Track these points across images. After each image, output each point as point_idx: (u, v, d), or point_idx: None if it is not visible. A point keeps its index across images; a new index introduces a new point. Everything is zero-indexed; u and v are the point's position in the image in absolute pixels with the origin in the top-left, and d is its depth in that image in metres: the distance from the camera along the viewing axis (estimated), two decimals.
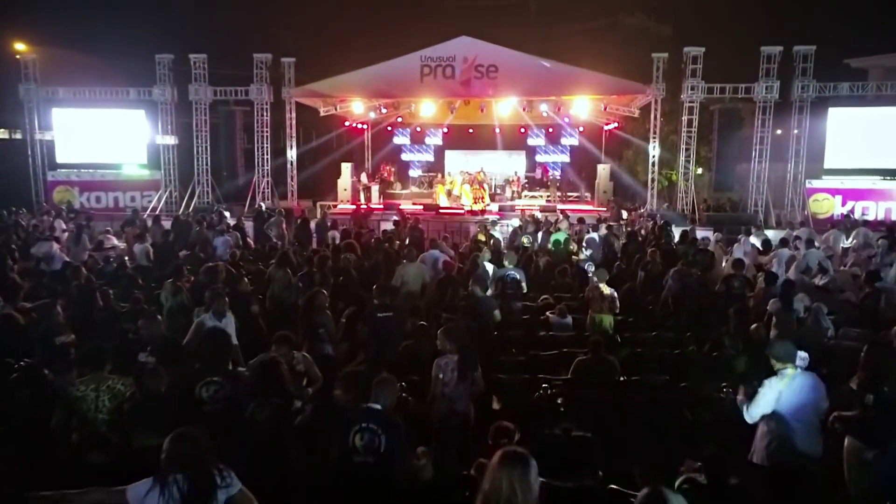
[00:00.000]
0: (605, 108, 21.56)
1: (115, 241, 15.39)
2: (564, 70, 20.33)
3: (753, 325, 7.17)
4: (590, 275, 10.64)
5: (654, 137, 20.98)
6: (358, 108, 22.49)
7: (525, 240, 13.40)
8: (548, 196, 27.37)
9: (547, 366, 6.95)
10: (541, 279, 11.02)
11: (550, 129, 29.30)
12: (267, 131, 22.26)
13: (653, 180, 21.14)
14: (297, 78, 21.87)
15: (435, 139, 30.72)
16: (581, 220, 16.88)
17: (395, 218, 16.04)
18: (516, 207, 22.20)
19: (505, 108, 21.90)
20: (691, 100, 20.40)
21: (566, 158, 30.19)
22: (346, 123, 27.15)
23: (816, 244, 13.25)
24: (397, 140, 31.07)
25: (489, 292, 9.16)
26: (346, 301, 8.34)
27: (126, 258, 13.88)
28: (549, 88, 20.65)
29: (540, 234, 13.94)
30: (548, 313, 8.56)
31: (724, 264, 11.87)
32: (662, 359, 7.00)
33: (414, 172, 30.65)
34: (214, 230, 14.25)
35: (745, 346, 6.55)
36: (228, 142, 22.84)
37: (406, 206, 23.85)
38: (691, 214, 20.37)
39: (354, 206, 22.59)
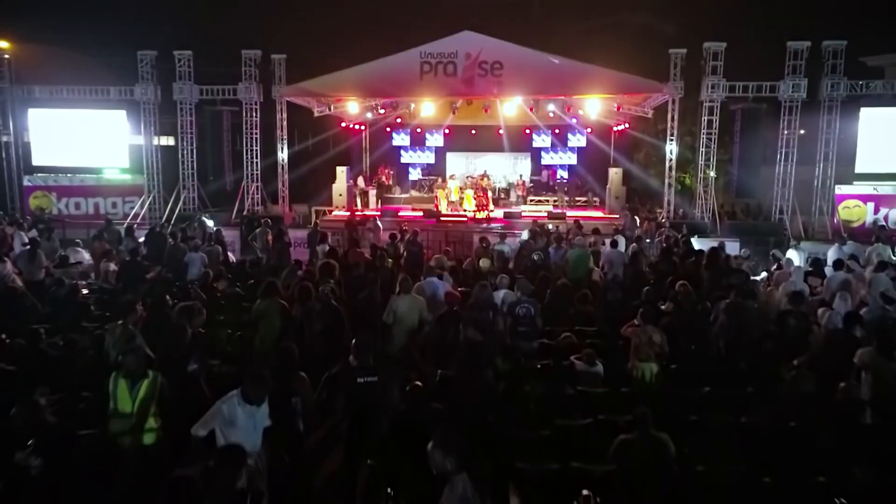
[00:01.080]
0: (619, 109, 19.91)
1: (85, 256, 13.78)
2: (574, 67, 18.69)
3: (842, 385, 5.58)
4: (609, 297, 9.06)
5: (672, 139, 19.35)
6: (353, 109, 20.85)
7: (535, 257, 11.78)
8: (555, 201, 25.74)
9: (578, 441, 5.36)
10: (555, 306, 9.39)
11: (557, 130, 27.69)
12: (256, 133, 20.67)
13: (669, 185, 19.50)
14: (289, 76, 20.26)
15: (436, 140, 29.12)
16: (596, 231, 15.27)
17: (392, 231, 14.41)
18: (523, 214, 20.57)
19: (510, 108, 20.27)
20: (711, 99, 18.77)
21: (573, 161, 28.58)
22: (343, 124, 25.64)
23: (861, 262, 11.66)
24: (396, 141, 29.48)
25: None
26: (329, 349, 6.76)
27: (92, 277, 12.39)
28: (558, 87, 19.01)
29: (552, 250, 12.31)
30: (573, 359, 6.95)
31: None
32: (728, 430, 5.35)
33: (414, 175, 29.09)
34: (189, 245, 12.64)
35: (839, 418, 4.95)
36: (215, 144, 21.27)
37: (405, 212, 22.27)
38: (711, 222, 18.75)
39: (349, 213, 20.97)
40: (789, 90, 18.43)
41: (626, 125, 24.78)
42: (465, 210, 22.98)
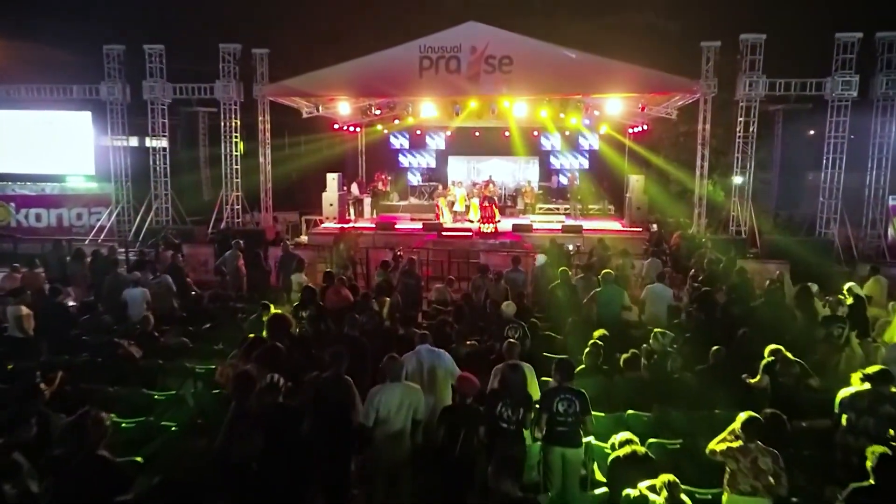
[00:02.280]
0: (643, 109, 17.44)
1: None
2: (593, 63, 16.24)
3: None
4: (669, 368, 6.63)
5: (703, 144, 16.88)
6: (345, 109, 18.40)
7: (560, 293, 9.33)
8: (566, 209, 23.36)
9: None
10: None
11: (567, 133, 25.29)
12: (236, 136, 18.23)
13: (700, 196, 17.04)
14: (272, 73, 17.84)
15: (437, 143, 26.73)
16: (625, 253, 12.86)
17: (385, 259, 11.99)
18: (535, 227, 18.12)
19: (520, 108, 17.82)
20: (749, 98, 16.33)
21: (585, 165, 26.17)
22: (335, 126, 23.21)
23: None
24: (394, 144, 27.09)
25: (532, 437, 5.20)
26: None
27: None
28: (575, 85, 16.53)
29: (579, 283, 9.84)
30: (643, 489, 4.53)
31: None
32: None
33: (413, 180, 26.72)
34: (133, 275, 10.20)
35: None
36: (191, 148, 18.91)
37: (403, 224, 19.84)
38: (749, 239, 16.32)
39: (339, 226, 18.53)
40: (837, 88, 15.98)
41: (645, 126, 22.35)
42: (469, 220, 20.60)
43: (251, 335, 7.05)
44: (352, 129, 24.36)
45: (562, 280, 9.65)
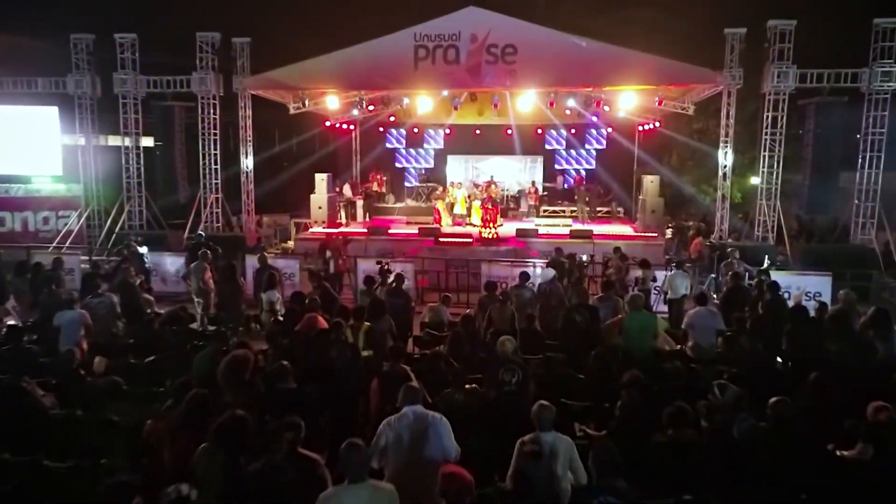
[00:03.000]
0: (661, 103, 15.81)
1: None
2: (606, 52, 14.64)
3: None
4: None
5: (727, 141, 15.25)
6: (333, 104, 16.78)
7: (578, 318, 7.71)
8: (573, 211, 21.76)
9: None
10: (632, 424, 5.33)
11: (573, 130, 23.70)
12: (216, 133, 16.63)
13: (724, 198, 15.41)
14: (254, 65, 16.23)
15: (435, 142, 25.13)
16: (645, 264, 11.24)
17: (369, 274, 10.36)
18: (540, 233, 16.50)
19: (525, 103, 16.20)
20: (777, 90, 14.70)
21: (592, 164, 24.56)
22: (327, 123, 21.60)
23: None
24: (390, 143, 25.49)
25: None
26: None
27: None
28: (586, 77, 14.94)
29: (600, 308, 8.18)
30: None
31: None
32: None
33: (411, 181, 25.11)
34: (69, 293, 8.60)
35: None
36: (166, 146, 17.27)
37: (398, 228, 18.23)
38: (777, 246, 14.72)
39: (327, 231, 16.93)
40: (876, 79, 14.38)
41: (657, 123, 20.75)
42: (470, 223, 19.02)
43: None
44: (345, 126, 22.82)
45: (578, 301, 8.02)
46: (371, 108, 19.18)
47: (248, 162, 16.64)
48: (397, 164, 25.66)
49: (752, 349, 6.59)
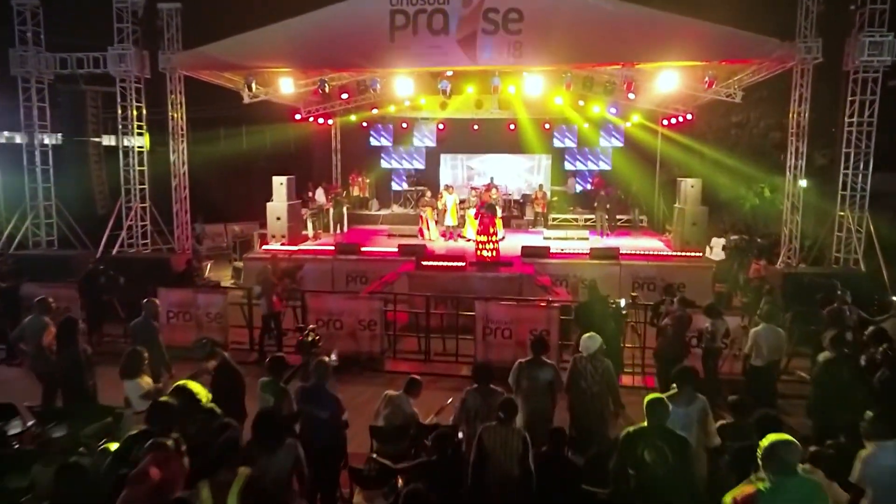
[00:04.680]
0: (711, 85, 11.94)
1: None
2: (642, 17, 10.86)
3: None
4: None
5: (799, 133, 11.40)
6: (287, 88, 12.98)
7: (648, 456, 3.99)
8: (587, 220, 18.04)
9: None
10: None
11: (586, 125, 19.95)
12: (142, 124, 12.88)
13: (795, 207, 11.56)
14: (187, 38, 12.49)
15: (426, 138, 21.42)
16: (713, 311, 7.43)
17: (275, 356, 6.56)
18: (552, 251, 12.70)
19: (534, 86, 12.41)
20: (867, 67, 10.90)
21: (608, 165, 20.83)
22: (297, 117, 17.88)
23: None
24: (376, 140, 21.78)
25: None
26: None
27: None
28: (615, 50, 11.14)
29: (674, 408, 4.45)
30: None
31: None
32: None
33: (400, 184, 21.40)
34: None
35: None
36: (79, 142, 13.54)
37: (376, 245, 14.46)
38: (866, 271, 10.91)
39: (276, 251, 13.16)
40: None
41: (689, 116, 16.99)
42: (463, 235, 15.31)
43: None
44: (321, 121, 19.10)
45: (655, 431, 4.15)
46: (345, 95, 15.48)
47: (179, 160, 12.84)
48: (384, 165, 21.95)
49: None
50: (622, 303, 7.54)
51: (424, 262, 11.29)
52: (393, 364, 9.13)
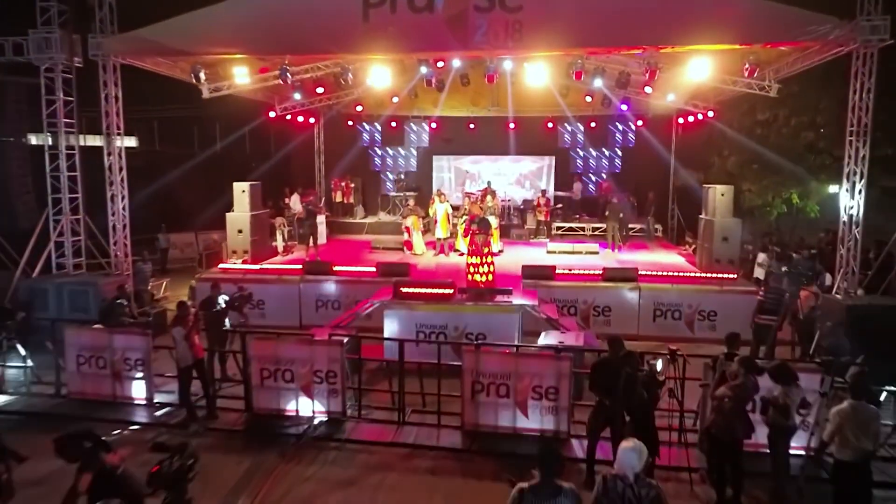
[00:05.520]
0: (752, 73, 9.79)
1: None
2: None
3: None
4: None
5: (858, 130, 9.25)
6: (242, 76, 10.89)
7: None
8: (595, 229, 15.98)
9: None
10: None
11: (593, 123, 17.85)
12: (73, 121, 10.79)
13: (854, 223, 9.40)
14: (122, 19, 10.40)
15: (418, 138, 19.32)
16: (786, 376, 5.33)
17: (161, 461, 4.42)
18: (559, 273, 10.58)
19: (536, 75, 10.30)
20: None
21: (617, 167, 18.71)
22: (272, 114, 15.78)
23: None
24: (364, 141, 19.66)
25: None
26: None
27: None
28: (635, 31, 9.05)
29: None
30: None
31: None
32: None
33: (389, 188, 19.30)
34: None
35: None
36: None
37: (358, 262, 12.35)
38: None
39: (238, 270, 11.07)
40: None
41: (710, 113, 14.91)
42: (457, 249, 13.22)
43: None
44: (301, 119, 16.99)
45: None
46: (320, 90, 13.40)
47: (116, 165, 10.71)
48: (373, 167, 19.85)
49: None
50: (658, 365, 5.43)
51: (404, 289, 9.20)
52: (358, 430, 7.02)
